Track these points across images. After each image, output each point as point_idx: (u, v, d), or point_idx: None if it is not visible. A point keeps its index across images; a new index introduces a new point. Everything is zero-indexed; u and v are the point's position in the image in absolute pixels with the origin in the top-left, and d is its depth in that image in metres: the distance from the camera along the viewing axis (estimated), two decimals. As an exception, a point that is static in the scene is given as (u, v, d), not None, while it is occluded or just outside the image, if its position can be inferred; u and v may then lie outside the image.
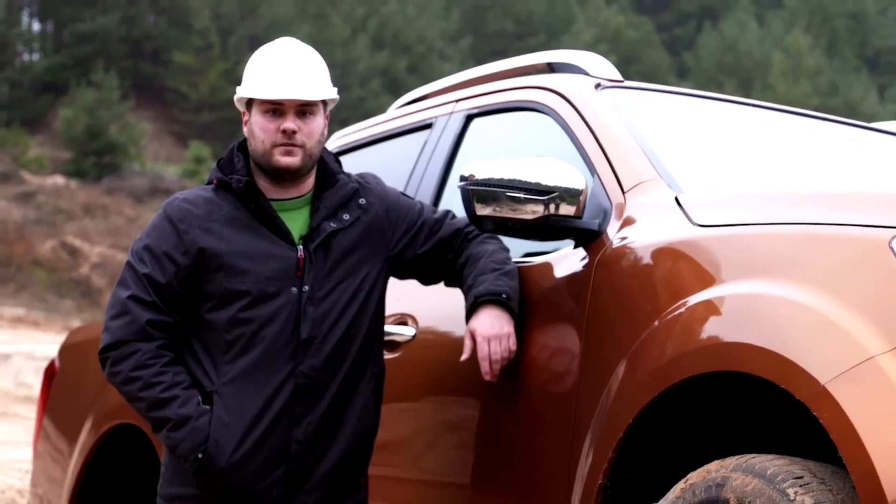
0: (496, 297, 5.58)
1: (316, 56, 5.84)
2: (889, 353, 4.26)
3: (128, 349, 5.54)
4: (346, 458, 5.74)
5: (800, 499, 4.38)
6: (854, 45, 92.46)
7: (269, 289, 5.59)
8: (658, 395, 4.94)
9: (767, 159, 6.61)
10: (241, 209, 5.68)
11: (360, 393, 5.78)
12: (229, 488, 5.56)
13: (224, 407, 5.55)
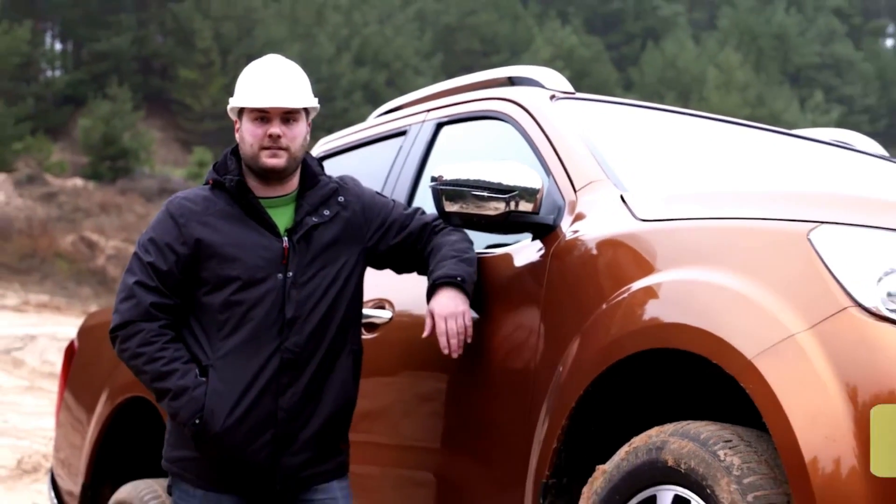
0: (452, 280, 5.61)
1: (299, 70, 5.88)
2: (807, 331, 4.31)
3: (134, 328, 5.58)
4: (327, 425, 5.76)
5: (728, 459, 4.42)
6: (778, 62, 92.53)
7: (258, 275, 5.63)
8: (605, 370, 4.98)
9: (703, 163, 6.62)
10: (233, 205, 5.71)
11: (339, 367, 5.80)
12: (223, 451, 5.58)
13: (218, 378, 5.57)
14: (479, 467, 5.78)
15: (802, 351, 4.30)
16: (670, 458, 4.60)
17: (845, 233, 4.50)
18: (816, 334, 4.30)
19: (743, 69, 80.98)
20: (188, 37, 72.30)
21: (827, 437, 4.16)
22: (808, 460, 4.17)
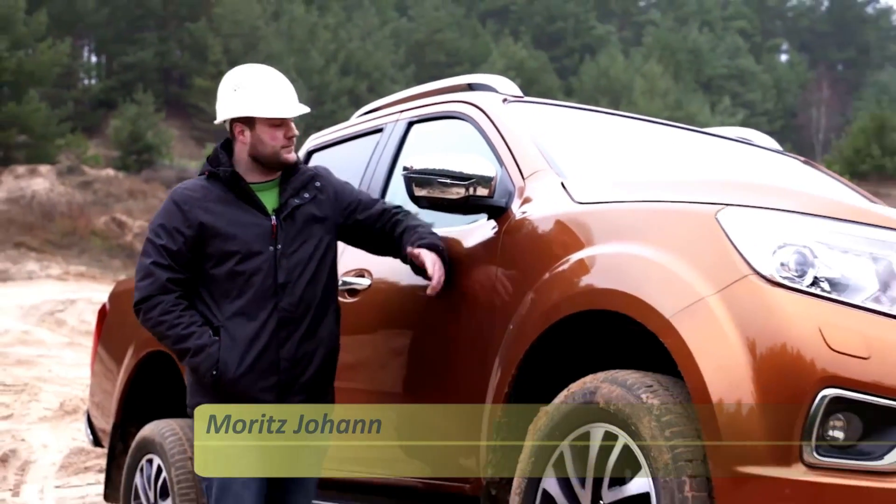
0: (437, 247, 5.71)
1: (287, 80, 6.01)
2: (715, 295, 4.33)
3: (155, 301, 5.65)
4: (319, 371, 5.82)
5: (650, 401, 4.44)
6: (693, 73, 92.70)
7: (254, 248, 5.69)
8: (549, 328, 5.02)
9: (630, 155, 6.63)
10: (227, 192, 5.79)
11: (325, 323, 5.85)
12: (237, 394, 5.63)
13: (228, 336, 5.64)
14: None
15: (711, 311, 4.33)
16: (602, 401, 4.62)
17: (746, 213, 4.51)
18: (723, 297, 4.33)
19: (664, 78, 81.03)
20: (202, 51, 72.27)
21: (731, 382, 4.19)
22: (715, 402, 4.20)
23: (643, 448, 4.43)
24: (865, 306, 4.19)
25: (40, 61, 57.15)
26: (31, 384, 14.77)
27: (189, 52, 75.76)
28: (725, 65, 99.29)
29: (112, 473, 8.42)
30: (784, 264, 4.29)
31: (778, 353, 4.15)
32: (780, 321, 4.18)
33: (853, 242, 4.33)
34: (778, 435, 4.09)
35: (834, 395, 4.03)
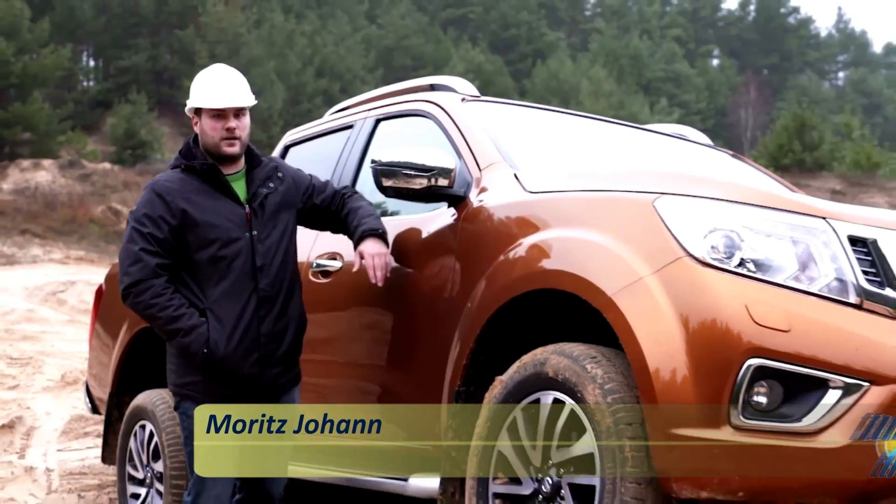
0: (375, 231, 5.74)
1: (240, 75, 5.92)
2: (652, 274, 4.37)
3: (145, 285, 5.57)
4: (292, 344, 5.83)
5: (594, 371, 4.48)
6: (634, 75, 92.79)
7: (233, 235, 5.66)
8: (503, 305, 5.03)
9: (577, 149, 6.63)
10: (203, 183, 5.74)
11: (295, 300, 5.87)
12: (226, 370, 5.61)
13: (215, 318, 5.61)
14: (409, 378, 5.79)
15: (649, 290, 4.36)
16: (551, 371, 4.65)
17: (680, 201, 4.54)
18: (659, 277, 4.36)
19: (608, 81, 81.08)
20: (190, 55, 71.96)
21: (666, 354, 4.23)
22: (652, 371, 4.24)
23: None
24: (786, 285, 4.24)
25: (43, 65, 57.10)
26: (35, 358, 14.72)
27: (178, 56, 75.52)
28: (663, 69, 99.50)
29: (109, 438, 8.39)
30: (714, 247, 4.32)
31: (708, 326, 4.19)
32: (710, 298, 4.23)
33: (775, 227, 4.37)
34: (708, 400, 4.13)
35: (758, 365, 4.08)
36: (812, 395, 4.09)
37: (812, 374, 4.08)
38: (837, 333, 4.15)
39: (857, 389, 4.06)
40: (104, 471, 9.24)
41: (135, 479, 7.74)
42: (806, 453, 4.05)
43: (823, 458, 4.04)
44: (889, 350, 4.12)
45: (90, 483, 9.29)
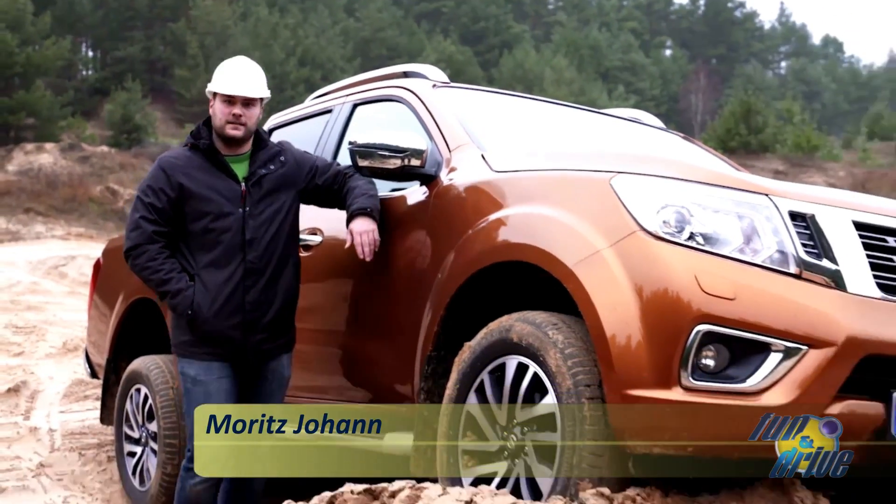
0: (364, 210, 5.70)
1: (259, 69, 5.97)
2: (609, 247, 4.38)
3: (142, 249, 5.69)
4: (278, 314, 5.84)
5: (555, 336, 4.48)
6: (593, 65, 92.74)
7: (225, 209, 5.72)
8: (471, 276, 5.04)
9: (540, 132, 6.61)
10: (205, 161, 5.82)
11: (285, 274, 5.86)
12: (211, 331, 5.68)
13: (202, 282, 5.68)
14: (384, 344, 5.78)
15: (605, 261, 4.37)
16: (515, 337, 4.66)
17: (635, 180, 4.54)
18: (615, 249, 4.37)
19: (569, 70, 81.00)
20: (181, 46, 71.81)
21: (621, 320, 4.24)
22: (609, 336, 4.26)
23: (549, 375, 4.48)
24: (732, 256, 4.26)
25: (45, 56, 57.00)
26: (38, 326, 14.67)
27: (170, 47, 75.33)
28: (620, 58, 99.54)
29: (107, 401, 8.42)
30: (665, 222, 4.33)
31: (660, 295, 4.21)
32: (662, 269, 4.24)
33: (722, 204, 4.38)
34: (660, 363, 4.15)
35: (706, 330, 4.11)
36: (756, 358, 4.12)
37: (755, 339, 4.12)
38: (779, 301, 4.17)
39: (796, 353, 4.09)
40: (103, 431, 9.23)
41: (131, 438, 7.79)
42: (749, 412, 4.07)
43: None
44: (825, 316, 4.15)
45: (90, 442, 9.30)
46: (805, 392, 4.06)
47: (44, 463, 8.72)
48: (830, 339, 4.11)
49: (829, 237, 4.33)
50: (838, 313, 4.17)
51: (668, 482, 4.35)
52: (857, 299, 4.26)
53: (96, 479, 8.39)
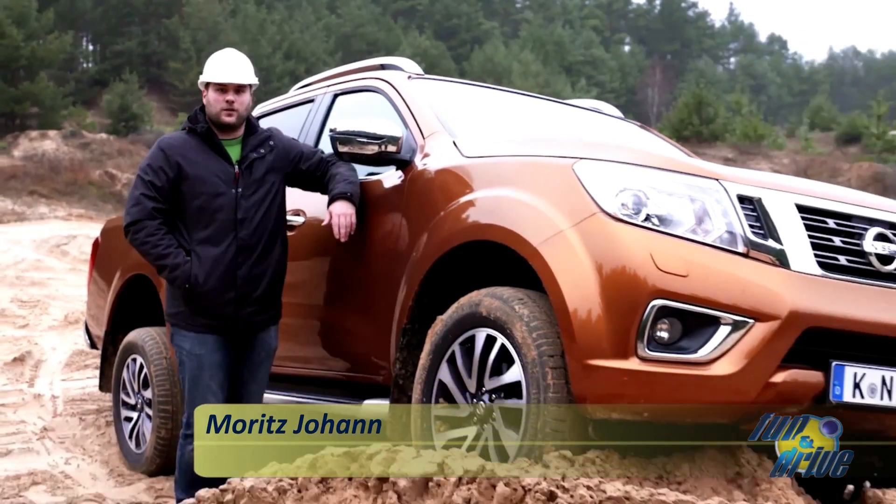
0: (344, 195, 5.68)
1: (246, 59, 5.99)
2: (572, 228, 4.38)
3: (142, 225, 5.68)
4: (267, 289, 5.84)
5: (521, 311, 4.48)
6: (557, 59, 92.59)
7: (220, 189, 5.72)
8: (443, 254, 5.04)
9: (508, 120, 6.58)
10: (202, 143, 5.81)
11: (273, 252, 5.85)
12: (205, 303, 5.69)
13: (197, 258, 5.67)
14: (364, 318, 5.75)
15: (568, 241, 4.37)
16: (484, 311, 4.65)
17: (596, 165, 4.54)
18: (577, 230, 4.36)
19: (535, 64, 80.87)
20: (175, 41, 71.54)
21: (583, 296, 4.25)
22: (571, 311, 4.26)
23: (516, 347, 4.48)
24: (685, 236, 4.27)
25: (48, 49, 56.83)
26: (42, 301, 14.63)
27: (165, 42, 74.95)
28: (582, 53, 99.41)
29: (105, 370, 8.39)
30: (624, 204, 4.34)
31: (619, 272, 4.22)
32: (620, 248, 4.25)
33: (676, 188, 4.39)
34: (618, 335, 4.17)
35: (661, 305, 4.13)
36: (706, 331, 4.15)
37: (706, 313, 4.14)
38: (728, 278, 4.20)
39: (743, 325, 4.13)
40: (102, 398, 9.22)
41: (127, 404, 7.79)
42: (700, 380, 4.11)
43: (715, 383, 4.11)
44: (770, 292, 4.19)
45: (90, 408, 9.30)
46: (751, 362, 4.10)
47: (47, 427, 8.71)
48: (775, 313, 4.15)
49: (774, 219, 4.36)
50: (782, 289, 4.21)
51: (626, 445, 4.35)
52: (799, 276, 4.29)
53: (95, 442, 8.38)
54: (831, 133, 64.91)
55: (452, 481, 3.89)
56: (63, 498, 6.78)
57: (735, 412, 4.18)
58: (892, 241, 4.58)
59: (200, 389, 5.75)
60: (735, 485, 4.31)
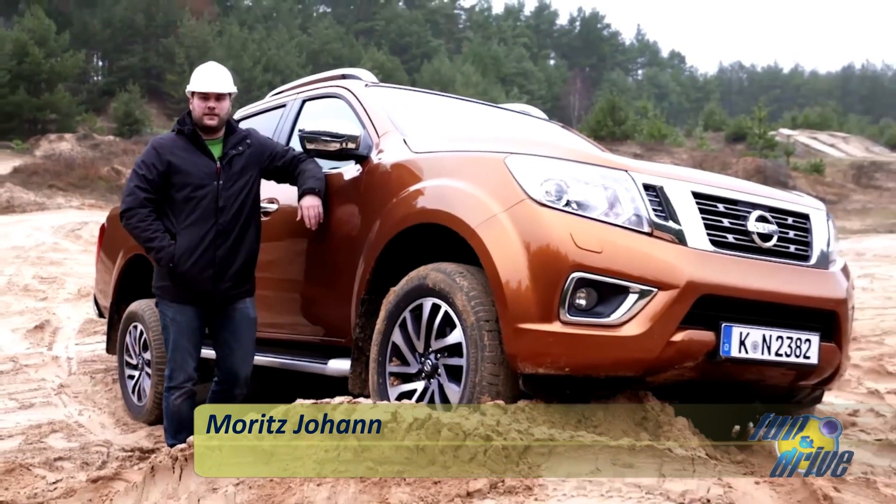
0: (312, 190, 5.63)
1: (226, 70, 5.92)
2: (504, 212, 4.35)
3: (134, 212, 5.63)
4: (241, 267, 5.77)
5: (461, 282, 4.46)
6: (494, 71, 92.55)
7: (203, 182, 5.66)
8: (395, 235, 4.99)
9: (451, 122, 6.51)
10: (188, 143, 5.75)
11: (248, 235, 5.78)
12: (187, 281, 5.64)
13: (182, 240, 5.62)
14: (329, 290, 5.67)
15: (501, 223, 4.34)
16: (430, 283, 4.62)
17: (524, 158, 4.51)
18: (509, 214, 4.33)
19: (475, 75, 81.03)
20: (171, 57, 71.21)
21: (513, 270, 4.23)
22: (503, 282, 4.24)
23: (457, 313, 4.46)
24: (599, 219, 4.27)
25: (65, 65, 56.87)
26: (59, 277, 14.52)
27: (163, 58, 74.53)
28: (515, 66, 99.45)
29: (111, 335, 8.33)
30: (547, 192, 4.32)
31: (544, 249, 4.20)
32: (545, 229, 4.22)
33: (592, 177, 4.38)
34: (544, 303, 4.16)
35: (580, 277, 4.12)
36: (617, 298, 4.16)
37: (617, 283, 4.15)
38: (635, 254, 4.20)
39: (648, 294, 4.14)
40: (109, 359, 9.16)
41: (130, 364, 7.76)
42: (613, 340, 4.12)
43: (625, 343, 4.12)
44: (671, 265, 4.21)
45: (99, 368, 9.26)
46: (655, 324, 4.12)
47: (63, 384, 8.69)
48: (674, 283, 4.17)
49: (674, 204, 4.39)
50: (680, 263, 4.23)
51: (551, 395, 4.33)
52: (694, 252, 4.32)
53: (104, 396, 8.34)
54: (722, 133, 65.55)
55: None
56: (77, 443, 6.76)
57: (642, 366, 4.19)
58: (770, 222, 4.64)
59: (180, 351, 5.75)
60: (642, 427, 4.31)
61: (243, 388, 5.88)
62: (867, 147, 63.81)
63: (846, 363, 4.91)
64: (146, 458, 5.77)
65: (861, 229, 26.77)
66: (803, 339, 4.49)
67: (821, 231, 4.92)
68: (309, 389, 5.41)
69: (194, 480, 4.36)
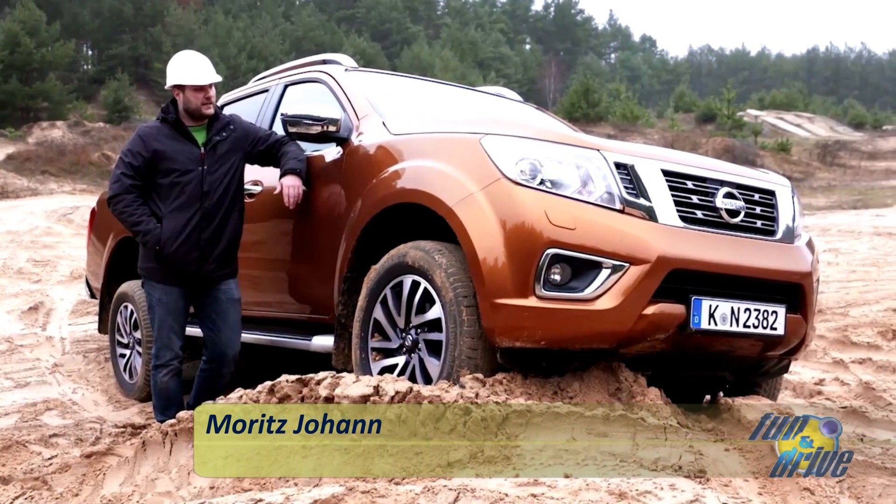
0: (294, 170, 5.58)
1: (208, 60, 5.91)
2: (480, 190, 4.32)
3: (121, 198, 5.60)
4: (225, 249, 5.76)
5: (440, 259, 4.44)
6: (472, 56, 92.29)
7: (188, 167, 5.62)
8: (375, 215, 4.96)
9: (429, 104, 6.47)
10: (172, 130, 5.71)
11: (232, 218, 5.76)
12: (172, 262, 5.62)
13: (168, 223, 5.59)
14: (312, 268, 5.64)
15: (477, 202, 4.32)
16: (410, 260, 4.59)
17: (499, 139, 4.49)
18: (485, 192, 4.31)
19: (453, 60, 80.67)
20: (159, 46, 70.64)
21: (490, 247, 4.21)
22: (481, 259, 4.22)
23: (436, 289, 4.44)
24: (572, 197, 4.25)
25: (56, 54, 56.43)
26: (52, 260, 14.46)
27: (150, 46, 73.91)
28: (492, 52, 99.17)
29: (103, 315, 8.29)
30: (522, 171, 4.30)
31: (519, 227, 4.18)
32: (520, 207, 4.20)
33: (565, 157, 4.36)
34: (519, 278, 4.14)
35: (554, 253, 4.11)
36: (591, 273, 4.14)
37: (591, 259, 4.13)
38: (608, 230, 4.19)
39: (620, 269, 4.14)
40: (101, 339, 9.13)
41: (121, 343, 7.73)
42: (586, 313, 4.11)
43: (598, 316, 4.11)
44: (642, 241, 4.20)
45: (91, 347, 9.25)
46: (628, 298, 4.12)
47: (57, 363, 8.68)
48: (646, 258, 4.16)
49: (645, 181, 4.38)
50: (651, 239, 4.22)
51: (528, 368, 4.33)
52: (665, 228, 4.32)
53: (97, 374, 8.31)
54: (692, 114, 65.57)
55: (386, 400, 3.86)
56: (71, 420, 6.75)
57: (615, 339, 4.18)
58: (737, 199, 4.64)
59: (166, 329, 5.75)
60: (615, 398, 4.31)
61: (231, 366, 5.86)
62: (831, 127, 64.04)
63: (812, 334, 4.93)
64: (138, 434, 5.75)
65: (826, 206, 26.86)
66: (770, 311, 4.49)
67: (786, 207, 4.92)
68: (294, 366, 5.41)
69: (184, 454, 4.36)
